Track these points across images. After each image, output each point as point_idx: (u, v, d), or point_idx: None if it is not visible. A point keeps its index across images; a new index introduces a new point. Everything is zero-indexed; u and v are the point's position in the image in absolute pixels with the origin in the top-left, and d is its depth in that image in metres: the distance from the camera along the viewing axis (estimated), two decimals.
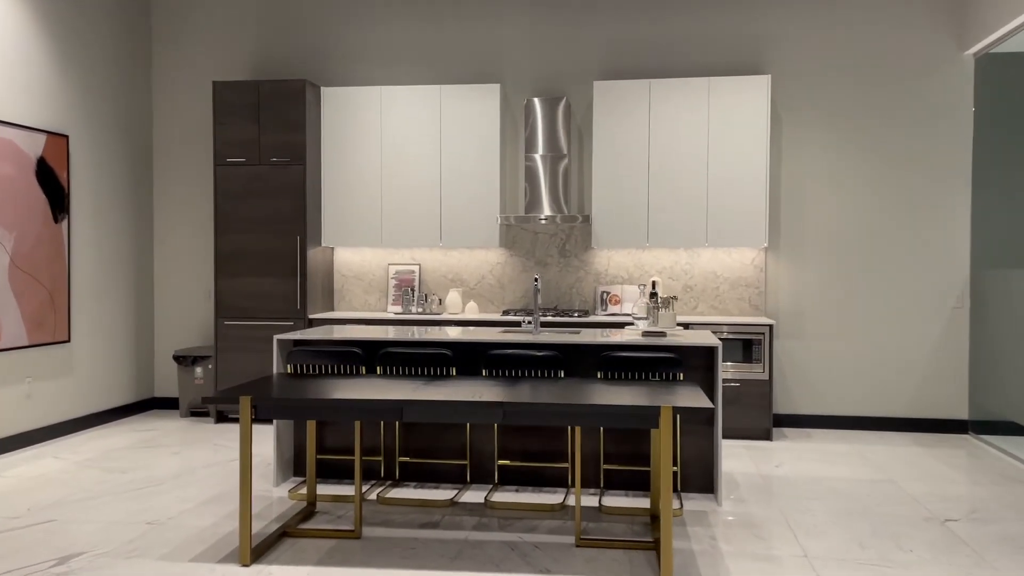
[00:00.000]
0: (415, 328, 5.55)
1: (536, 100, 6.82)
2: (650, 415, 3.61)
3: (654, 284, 6.80)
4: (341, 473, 5.23)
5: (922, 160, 6.64)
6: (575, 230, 7.05)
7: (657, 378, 4.53)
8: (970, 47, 6.48)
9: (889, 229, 6.70)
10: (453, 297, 6.95)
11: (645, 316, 5.12)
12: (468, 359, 5.09)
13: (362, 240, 7.01)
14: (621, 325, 6.43)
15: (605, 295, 6.93)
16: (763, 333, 6.32)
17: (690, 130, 6.58)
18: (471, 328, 5.56)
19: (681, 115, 6.59)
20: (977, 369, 6.51)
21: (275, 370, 4.97)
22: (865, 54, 6.71)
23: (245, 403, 3.80)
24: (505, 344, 4.95)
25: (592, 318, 6.54)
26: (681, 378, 4.52)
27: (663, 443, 3.54)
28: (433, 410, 3.75)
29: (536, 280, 5.22)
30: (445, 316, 6.73)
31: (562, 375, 4.63)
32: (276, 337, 5.00)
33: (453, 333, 5.18)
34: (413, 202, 6.93)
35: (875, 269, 6.72)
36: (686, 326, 6.42)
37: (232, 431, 6.61)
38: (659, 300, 5.05)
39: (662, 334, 5.07)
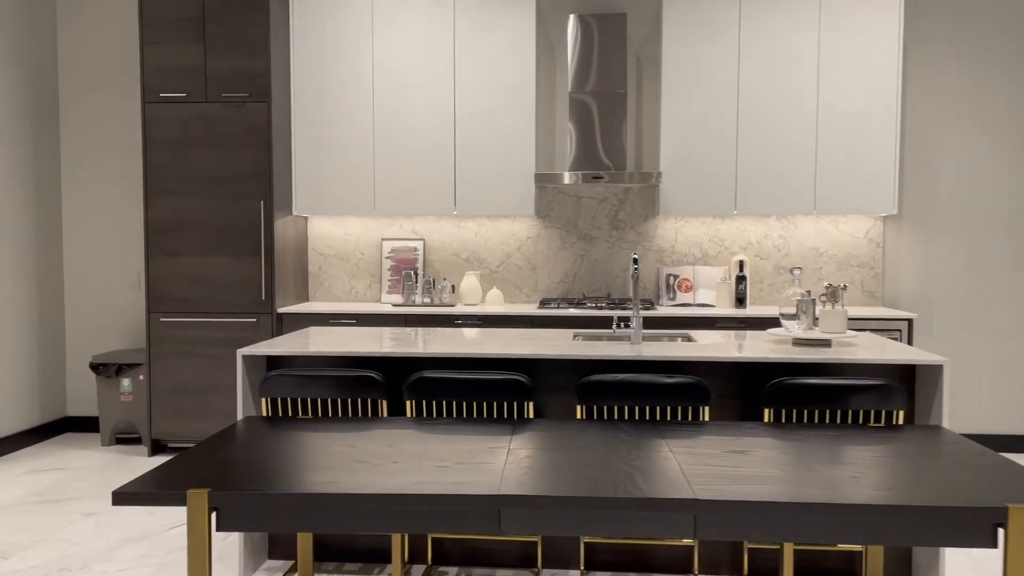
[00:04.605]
0: (421, 332, 3.78)
1: (582, 18, 5.06)
2: (986, 523, 1.93)
3: (741, 265, 5.15)
4: (341, 553, 3.46)
5: None
6: (631, 194, 5.33)
7: (866, 420, 2.88)
8: None
9: None
10: (470, 283, 5.20)
11: (795, 315, 3.47)
12: (536, 384, 3.35)
13: (347, 207, 5.18)
14: (713, 321, 4.76)
15: (672, 279, 5.25)
16: (899, 330, 4.71)
17: (795, 59, 4.90)
18: (525, 333, 3.82)
19: (783, 38, 4.90)
20: None
21: (240, 409, 3.17)
22: None
23: (198, 502, 2.02)
24: (608, 363, 3.23)
25: (660, 311, 4.85)
26: (901, 419, 2.86)
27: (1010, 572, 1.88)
28: (554, 513, 2.01)
29: (635, 262, 3.49)
30: (461, 309, 4.97)
31: (705, 416, 2.93)
32: (241, 352, 3.19)
33: (472, 336, 3.43)
34: (416, 155, 5.13)
35: None
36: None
37: None
38: (828, 291, 3.38)
39: (825, 343, 3.40)
